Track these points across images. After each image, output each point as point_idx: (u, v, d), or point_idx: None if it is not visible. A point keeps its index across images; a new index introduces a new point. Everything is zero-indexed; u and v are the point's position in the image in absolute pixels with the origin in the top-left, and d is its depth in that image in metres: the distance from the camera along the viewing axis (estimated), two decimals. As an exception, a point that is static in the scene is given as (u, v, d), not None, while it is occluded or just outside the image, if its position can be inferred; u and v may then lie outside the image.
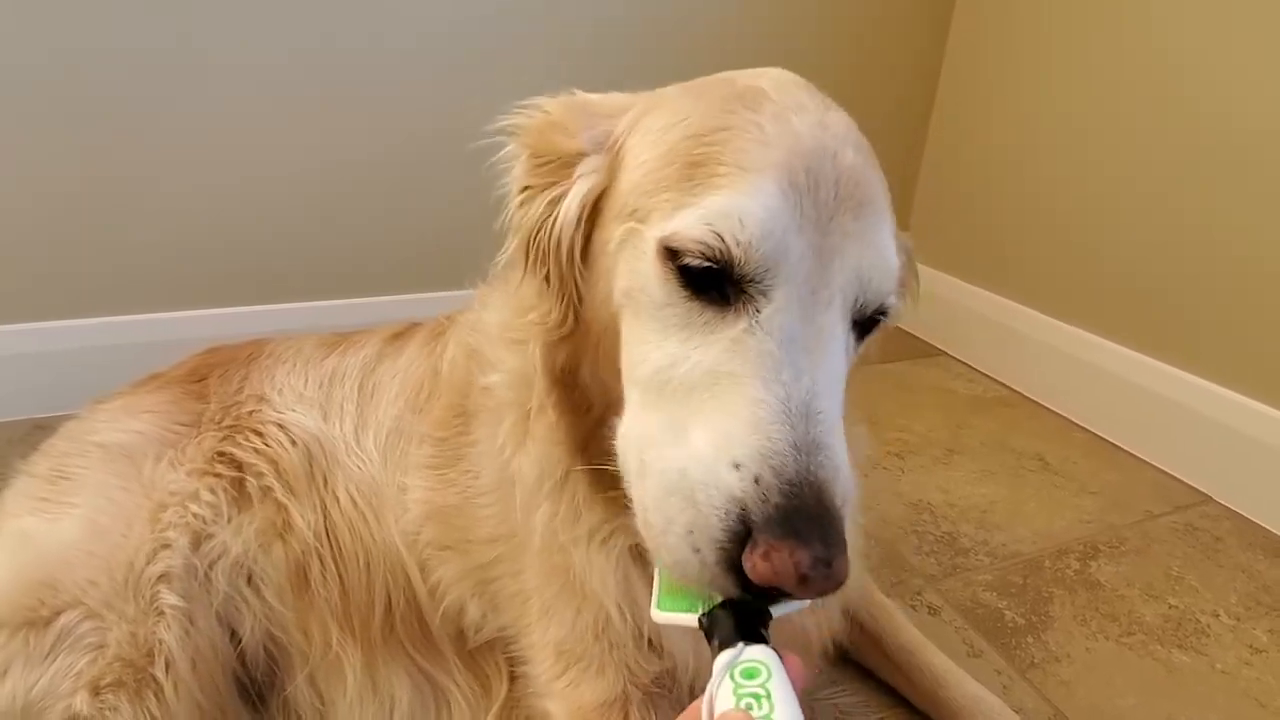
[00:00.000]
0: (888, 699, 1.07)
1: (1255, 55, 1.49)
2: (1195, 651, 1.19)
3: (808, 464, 0.47)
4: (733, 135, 0.55)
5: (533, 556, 0.80)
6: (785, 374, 0.50)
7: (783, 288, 0.52)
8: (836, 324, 0.54)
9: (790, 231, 0.52)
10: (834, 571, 0.46)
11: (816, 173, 0.54)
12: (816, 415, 0.49)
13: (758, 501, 0.47)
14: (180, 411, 0.99)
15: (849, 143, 0.58)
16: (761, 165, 0.53)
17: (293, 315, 1.81)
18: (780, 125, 0.56)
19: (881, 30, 2.13)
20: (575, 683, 0.79)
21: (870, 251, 0.55)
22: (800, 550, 0.45)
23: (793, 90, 0.61)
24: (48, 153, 1.55)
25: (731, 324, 0.53)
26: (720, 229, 0.52)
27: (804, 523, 0.46)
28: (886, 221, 0.58)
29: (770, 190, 0.52)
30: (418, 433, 0.91)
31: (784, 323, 0.52)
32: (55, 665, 0.80)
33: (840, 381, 0.55)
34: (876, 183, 0.58)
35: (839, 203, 0.54)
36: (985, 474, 1.65)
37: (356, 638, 0.92)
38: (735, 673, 0.44)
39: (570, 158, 0.64)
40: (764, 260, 0.52)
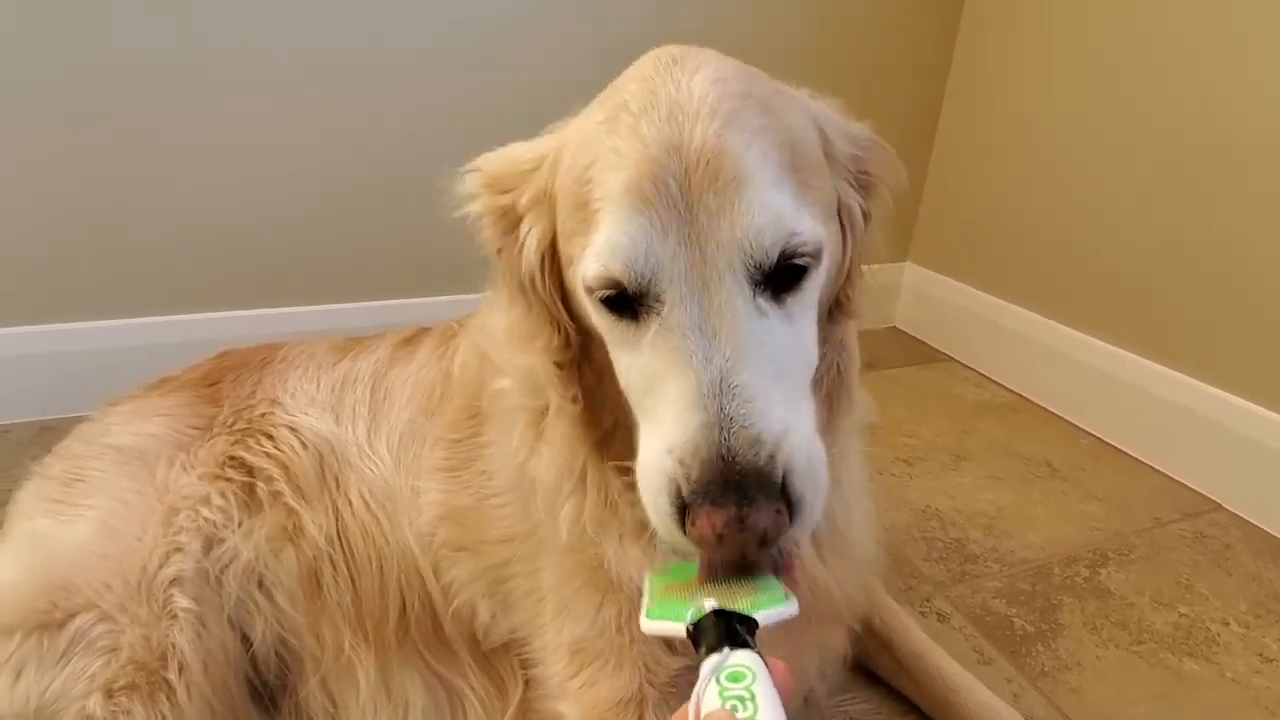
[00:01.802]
0: (898, 705, 1.07)
1: (1257, 60, 1.49)
2: (1205, 660, 1.18)
3: (718, 438, 0.52)
4: (597, 168, 0.60)
5: (553, 555, 0.81)
6: (695, 361, 0.55)
7: (669, 289, 0.57)
8: (735, 296, 0.57)
9: (655, 242, 0.57)
10: (748, 525, 0.51)
11: (663, 175, 0.57)
12: (732, 389, 0.54)
13: (684, 479, 0.53)
14: (193, 415, 0.99)
15: (702, 116, 0.58)
16: (617, 192, 0.58)
17: (301, 318, 1.82)
18: (631, 140, 0.59)
19: (888, 36, 2.13)
20: (591, 681, 0.79)
21: (742, 216, 0.56)
22: (715, 513, 0.51)
23: (654, 83, 0.62)
24: (54, 155, 1.56)
25: (646, 332, 0.59)
26: (605, 263, 0.58)
27: (718, 489, 0.52)
28: (756, 174, 0.58)
29: (626, 214, 0.57)
30: (431, 435, 0.92)
31: (682, 318, 0.57)
32: (69, 668, 0.80)
33: (764, 346, 0.57)
34: (736, 143, 0.58)
35: (695, 188, 0.56)
36: (993, 480, 1.65)
37: (370, 641, 0.92)
38: (721, 676, 0.45)
39: (517, 214, 0.70)
40: (642, 276, 0.57)
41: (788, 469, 0.53)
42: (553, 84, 1.90)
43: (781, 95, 0.66)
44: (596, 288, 0.59)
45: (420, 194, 2.05)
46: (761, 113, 0.60)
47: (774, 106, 0.63)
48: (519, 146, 0.72)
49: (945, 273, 2.34)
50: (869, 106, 2.14)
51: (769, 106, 0.62)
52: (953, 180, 2.29)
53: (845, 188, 0.69)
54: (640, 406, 0.61)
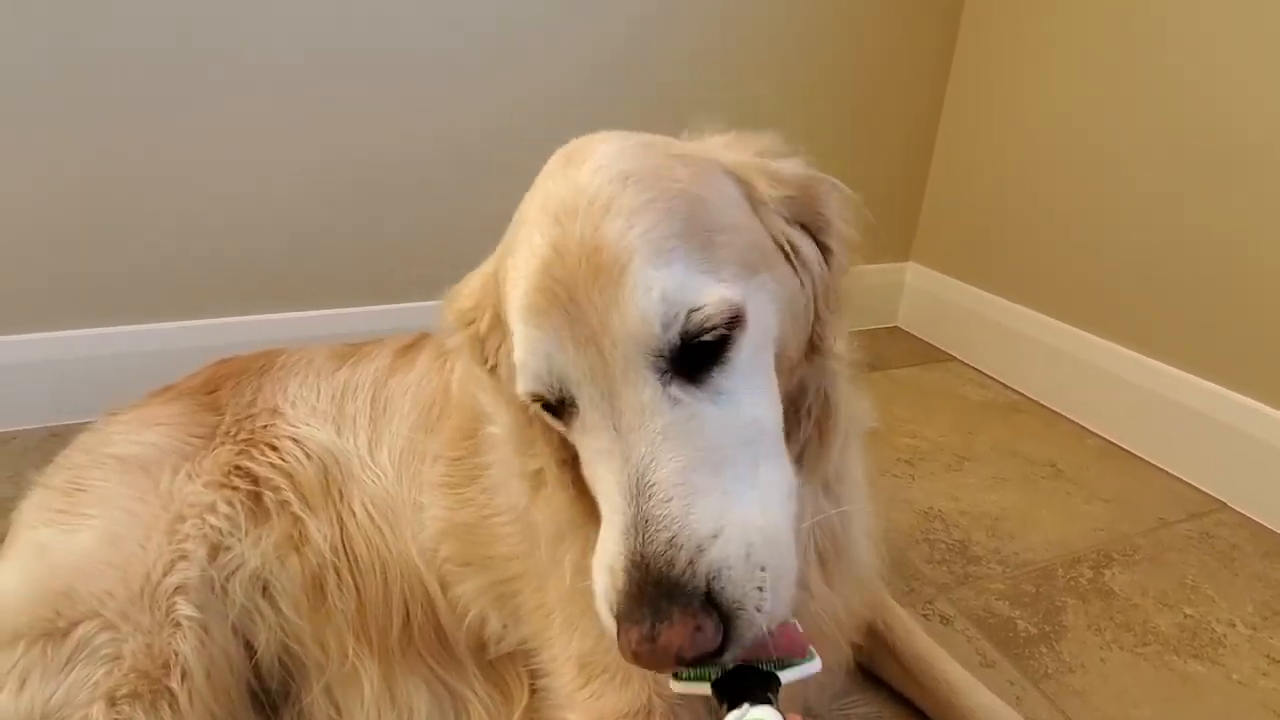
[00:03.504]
0: (900, 709, 1.07)
1: (1258, 60, 1.48)
2: (1211, 662, 1.18)
3: (634, 544, 0.50)
4: (506, 286, 0.61)
5: (557, 579, 0.81)
6: (614, 462, 0.54)
7: (579, 392, 0.57)
8: (641, 391, 0.54)
9: (554, 352, 0.56)
10: (659, 645, 0.48)
11: (550, 284, 0.56)
12: (649, 488, 0.52)
13: (613, 590, 0.52)
14: (194, 424, 1.00)
15: (579, 212, 0.57)
16: (517, 310, 0.58)
17: (306, 323, 1.82)
18: (524, 255, 0.59)
19: (889, 37, 2.12)
20: (598, 694, 0.79)
21: (629, 307, 0.54)
22: (631, 629, 0.49)
23: (547, 186, 0.61)
24: (58, 161, 1.57)
25: (574, 433, 0.60)
26: (522, 382, 0.59)
27: (634, 602, 0.50)
28: (636, 257, 0.55)
29: (525, 332, 0.57)
30: (431, 452, 0.92)
31: (595, 418, 0.56)
32: (73, 676, 0.81)
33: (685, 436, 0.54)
34: (611, 230, 0.55)
35: (580, 289, 0.55)
36: (997, 481, 1.64)
37: (374, 649, 0.92)
38: None
39: (482, 339, 0.70)
40: (552, 388, 0.57)
41: (713, 574, 0.49)
42: (554, 90, 1.91)
43: (680, 160, 0.63)
44: (530, 402, 0.60)
45: (420, 198, 2.07)
46: (644, 189, 0.58)
47: (665, 175, 0.60)
48: (474, 274, 0.73)
49: (948, 272, 2.33)
50: (871, 107, 2.17)
51: (659, 177, 0.59)
52: (954, 180, 2.28)
53: (787, 230, 0.65)
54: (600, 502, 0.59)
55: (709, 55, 1.96)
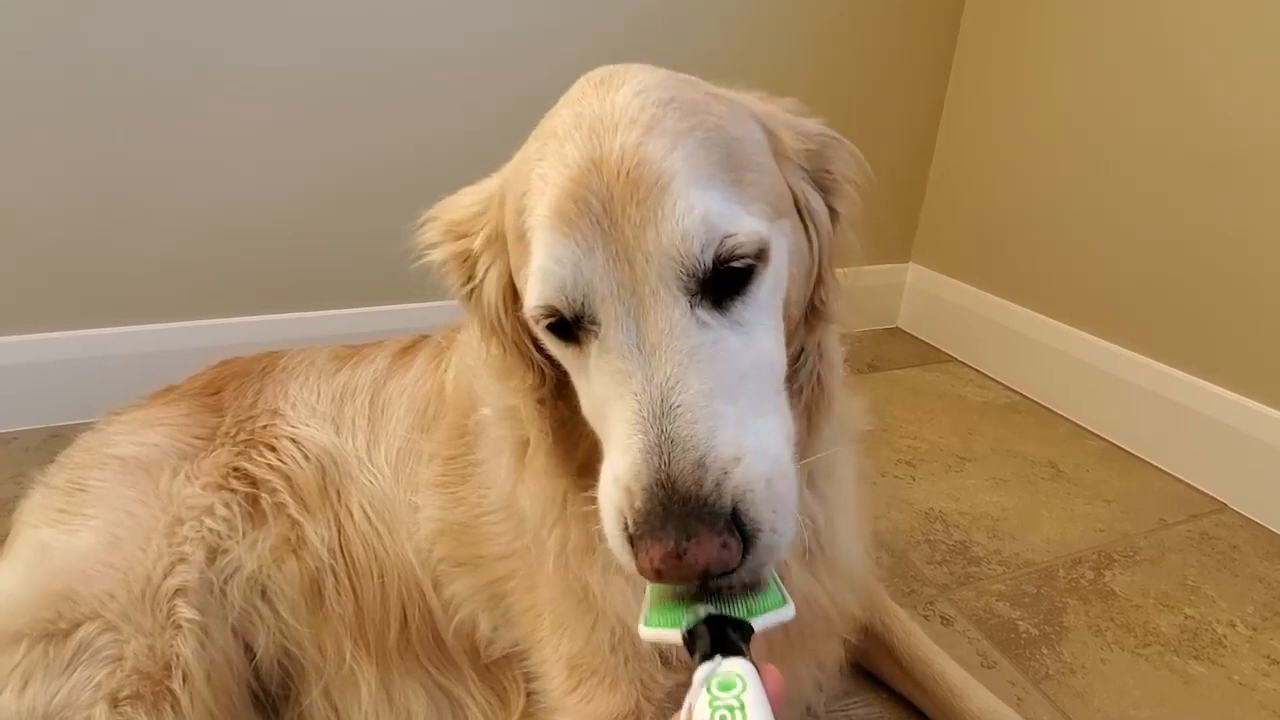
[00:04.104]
0: (900, 710, 1.07)
1: (1258, 59, 1.48)
2: (1212, 662, 1.18)
3: (659, 463, 0.50)
4: (529, 196, 0.59)
5: (546, 573, 0.81)
6: (634, 384, 0.53)
7: (603, 309, 0.56)
8: (671, 309, 0.54)
9: (582, 262, 0.55)
10: (686, 561, 0.48)
11: (584, 193, 0.55)
12: (674, 410, 0.52)
13: (629, 508, 0.51)
14: (195, 425, 1.00)
15: (621, 127, 0.57)
16: (542, 218, 0.57)
17: (309, 324, 1.83)
18: (555, 164, 0.58)
19: (890, 38, 2.13)
20: (588, 697, 0.79)
21: (666, 223, 0.54)
22: (654, 546, 0.49)
23: (579, 105, 0.61)
24: (59, 161, 1.57)
25: (590, 355, 0.58)
26: (539, 291, 0.57)
27: (657, 520, 0.49)
28: (679, 177, 0.55)
29: (551, 240, 0.56)
30: (426, 451, 0.93)
31: (619, 338, 0.55)
32: (75, 677, 0.81)
33: (710, 360, 0.54)
34: (655, 148, 0.56)
35: (617, 202, 0.55)
36: (997, 481, 1.64)
37: (371, 652, 0.93)
38: (712, 685, 0.45)
39: (474, 257, 0.69)
40: (574, 299, 0.56)
41: (738, 496, 0.50)
42: (554, 90, 1.89)
43: (716, 98, 0.64)
44: (538, 317, 0.58)
45: (421, 198, 2.06)
46: (686, 115, 0.59)
47: (704, 109, 0.61)
48: (470, 190, 0.72)
49: (948, 273, 2.33)
50: (871, 108, 2.17)
51: (698, 109, 0.60)
52: (955, 181, 2.28)
53: (804, 186, 0.67)
54: (599, 433, 0.59)
55: (708, 56, 1.96)
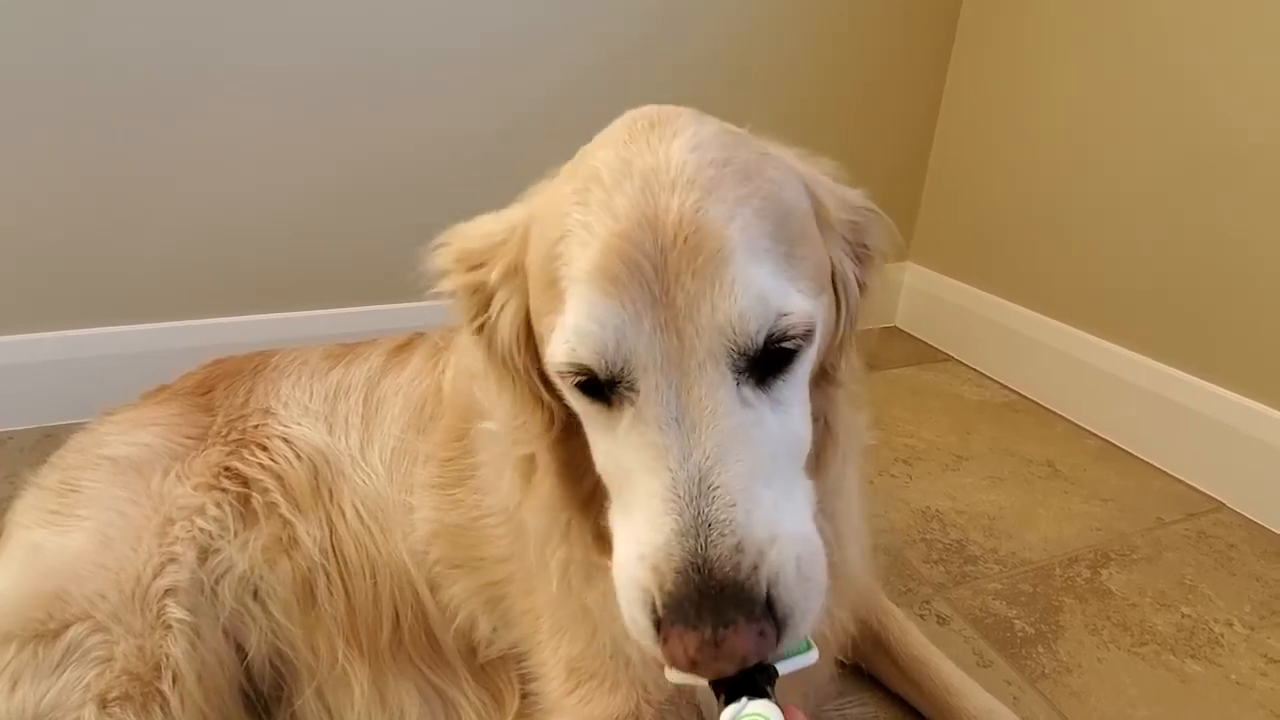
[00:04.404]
0: (896, 709, 1.06)
1: (1257, 59, 1.48)
2: (1209, 661, 1.18)
3: (695, 546, 0.48)
4: (566, 243, 0.56)
5: (546, 583, 0.80)
6: (671, 459, 0.51)
7: (644, 379, 0.53)
8: (718, 387, 0.52)
9: (627, 328, 0.52)
10: (724, 651, 0.47)
11: (636, 254, 0.52)
12: (712, 491, 0.50)
13: (657, 589, 0.49)
14: (187, 424, 0.99)
15: (679, 187, 0.54)
16: (586, 272, 0.54)
17: (304, 324, 1.82)
18: (602, 215, 0.54)
19: (887, 36, 2.12)
20: (587, 699, 0.79)
21: (724, 298, 0.52)
22: (688, 635, 0.47)
23: (628, 150, 0.57)
24: (55, 161, 1.56)
25: (619, 421, 0.55)
26: (573, 348, 0.54)
27: (692, 607, 0.47)
28: (739, 250, 0.53)
29: (595, 298, 0.53)
30: (422, 452, 0.92)
31: (658, 410, 0.53)
32: (64, 678, 0.80)
33: (750, 441, 0.52)
34: (716, 215, 0.53)
35: (672, 268, 0.52)
36: (994, 480, 1.64)
37: (364, 652, 0.92)
38: None
39: (489, 290, 0.66)
40: (614, 364, 0.53)
41: (773, 581, 0.48)
42: (552, 91, 1.91)
43: (768, 160, 0.61)
44: (566, 373, 0.55)
45: (419, 198, 2.07)
46: (744, 181, 0.56)
47: (759, 173, 0.58)
48: (489, 218, 0.69)
49: (945, 272, 2.33)
50: (868, 107, 2.16)
51: (753, 173, 0.57)
52: (952, 180, 2.28)
53: (841, 257, 0.65)
54: (616, 495, 0.57)
55: (707, 57, 1.96)
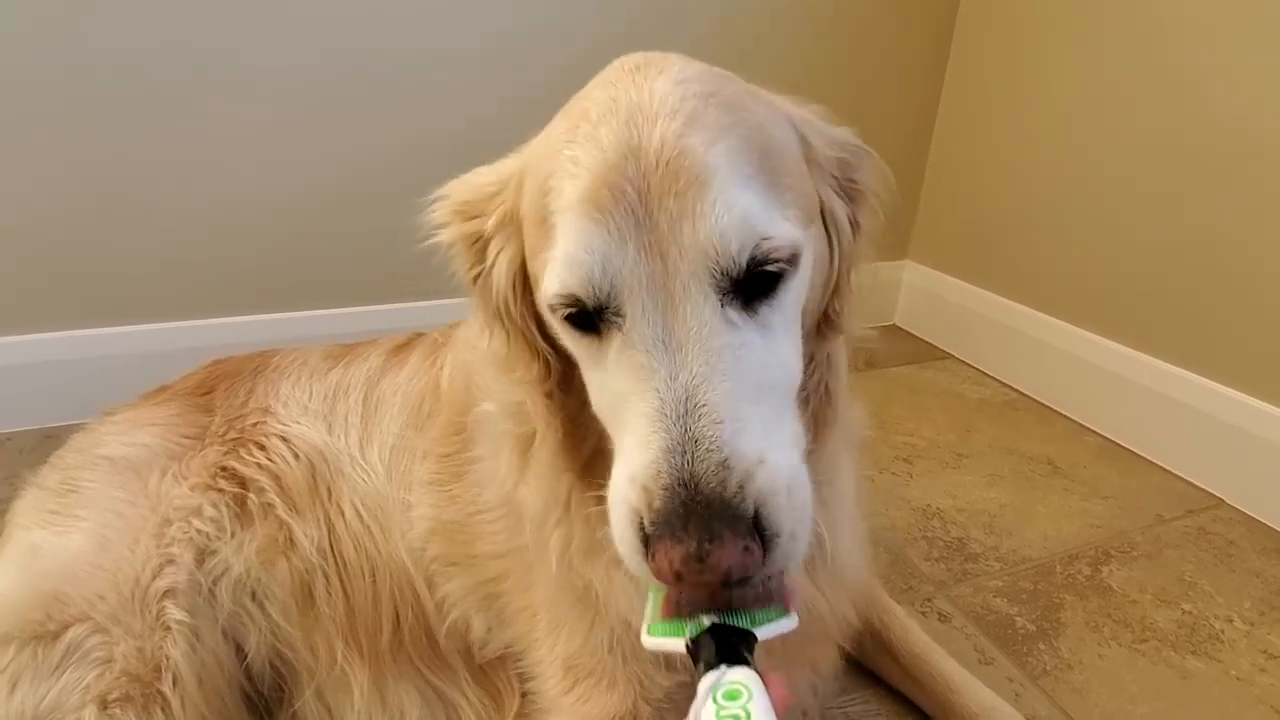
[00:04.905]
0: (898, 706, 1.06)
1: (1255, 56, 1.48)
2: (1209, 658, 1.18)
3: (681, 463, 0.49)
4: (556, 178, 0.57)
5: (543, 572, 0.80)
6: (658, 380, 0.52)
7: (630, 302, 0.54)
8: (702, 308, 0.53)
9: (612, 252, 0.53)
10: (709, 564, 0.47)
11: (620, 181, 0.54)
12: (699, 409, 0.50)
13: (645, 507, 0.50)
14: (186, 424, 0.99)
15: (661, 117, 0.55)
16: (572, 202, 0.55)
17: (304, 324, 1.82)
18: (588, 148, 0.56)
19: (885, 34, 2.12)
20: (585, 697, 0.78)
21: (705, 218, 0.53)
22: (674, 548, 0.47)
23: (615, 89, 0.59)
24: (54, 162, 1.56)
25: (609, 348, 0.56)
26: (563, 279, 0.55)
27: (679, 521, 0.48)
28: (720, 173, 0.54)
29: (581, 226, 0.54)
30: (420, 449, 0.92)
31: (645, 332, 0.54)
32: (64, 679, 0.80)
33: (737, 361, 0.53)
34: (697, 142, 0.55)
35: (654, 194, 0.53)
36: (994, 478, 1.64)
37: (363, 653, 0.92)
38: (718, 694, 0.45)
39: (485, 238, 0.67)
40: (600, 290, 0.54)
41: (761, 501, 0.49)
42: (551, 90, 1.87)
43: (754, 97, 0.63)
44: (558, 305, 0.57)
45: (417, 199, 2.05)
46: (728, 112, 0.58)
47: (744, 106, 0.60)
48: (484, 170, 0.70)
49: (945, 270, 2.33)
50: (866, 104, 2.15)
51: (737, 106, 0.59)
52: (951, 178, 2.28)
53: (830, 194, 0.66)
54: (612, 429, 0.58)
55: (706, 56, 1.94)
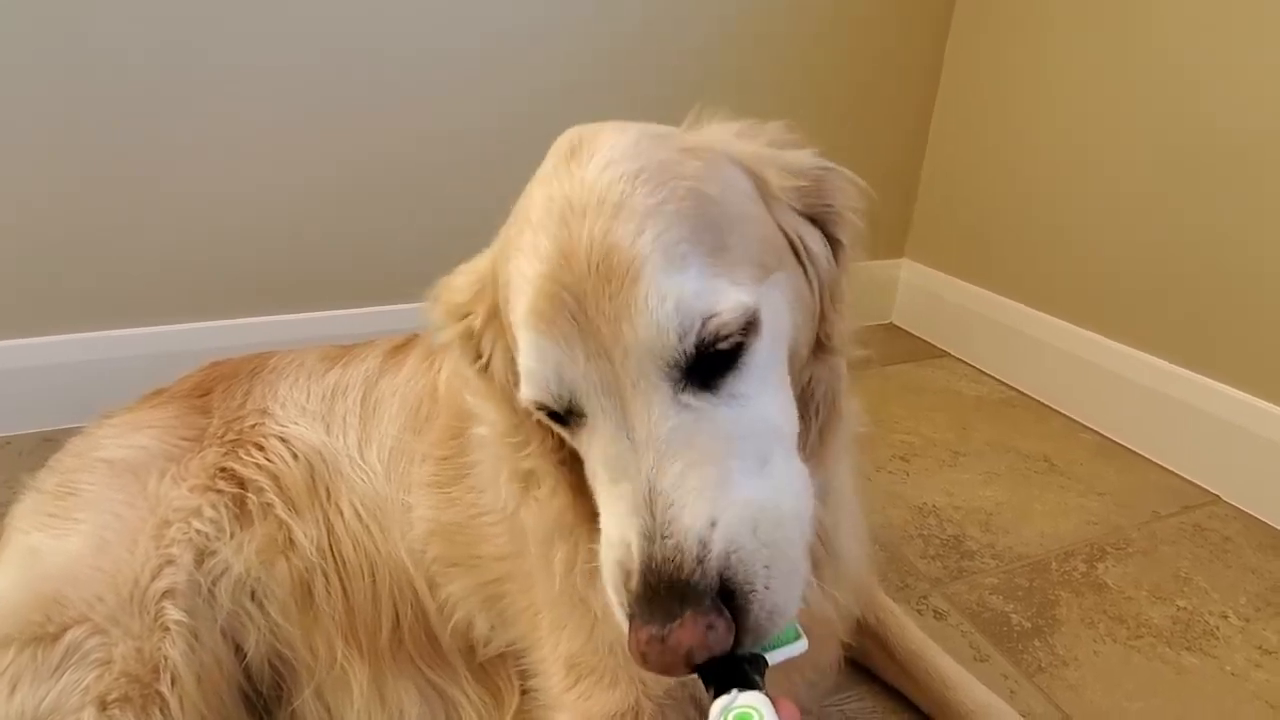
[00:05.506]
0: (894, 703, 1.07)
1: (1252, 55, 1.48)
2: (1204, 653, 1.18)
3: (651, 550, 0.50)
4: (509, 289, 0.59)
5: (545, 580, 0.80)
6: (627, 473, 0.53)
7: (589, 403, 0.55)
8: (651, 404, 0.53)
9: (564, 362, 0.55)
10: (669, 645, 0.48)
11: (559, 291, 0.54)
12: (658, 498, 0.51)
13: (625, 590, 0.52)
14: (184, 426, 0.99)
15: (589, 213, 0.55)
16: (522, 316, 0.56)
17: (302, 325, 1.82)
18: (530, 258, 0.56)
19: (882, 33, 2.13)
20: (586, 694, 0.79)
21: (640, 317, 0.52)
22: (641, 630, 0.49)
23: (551, 185, 0.58)
24: (52, 164, 1.56)
25: (584, 439, 0.58)
26: (528, 390, 0.57)
27: (644, 605, 0.50)
28: (645, 267, 0.53)
29: (530, 339, 0.56)
30: (419, 451, 0.92)
31: (609, 429, 0.55)
32: (63, 681, 0.80)
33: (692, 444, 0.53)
34: (623, 235, 0.53)
35: (590, 298, 0.53)
36: (991, 476, 1.65)
37: (363, 652, 0.92)
38: (729, 718, 0.46)
39: (477, 335, 0.69)
40: (560, 397, 0.56)
41: (723, 565, 0.49)
42: (550, 90, 1.91)
43: (690, 154, 0.60)
44: (532, 410, 0.59)
45: (418, 199, 2.06)
46: (656, 188, 0.56)
47: (675, 173, 0.57)
48: (465, 268, 0.71)
49: (942, 269, 2.33)
50: (864, 103, 2.15)
51: (668, 174, 0.57)
52: (948, 176, 2.28)
53: (798, 225, 0.64)
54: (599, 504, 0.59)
55: (705, 56, 1.96)
